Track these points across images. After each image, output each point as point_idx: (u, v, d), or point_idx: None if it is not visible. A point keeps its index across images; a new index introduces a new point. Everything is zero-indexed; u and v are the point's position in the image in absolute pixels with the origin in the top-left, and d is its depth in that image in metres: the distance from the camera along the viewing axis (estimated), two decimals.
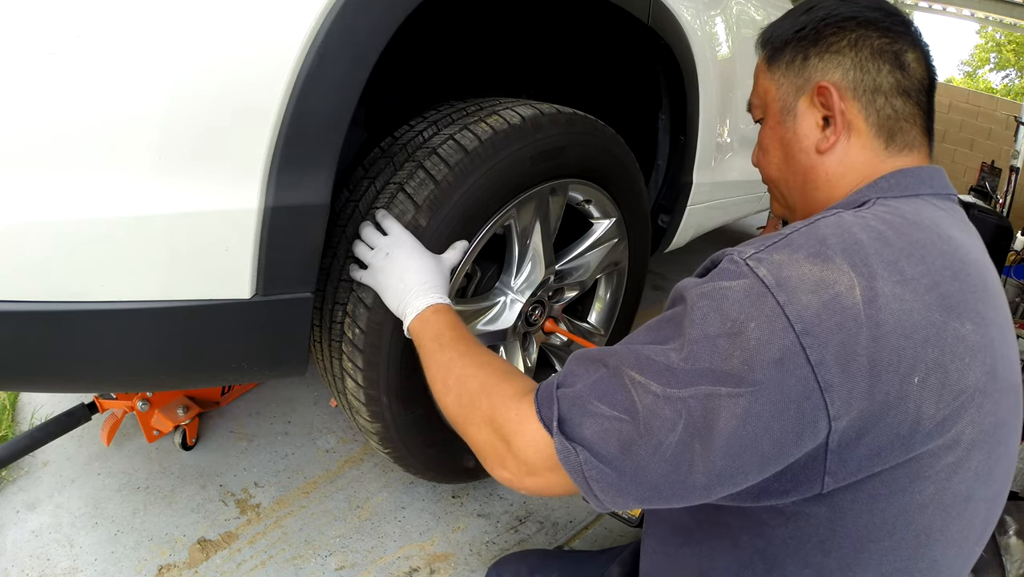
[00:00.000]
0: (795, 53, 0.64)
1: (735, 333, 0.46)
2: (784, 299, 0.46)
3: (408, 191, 0.84)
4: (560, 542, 1.22)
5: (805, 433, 0.45)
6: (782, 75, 0.65)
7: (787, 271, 0.47)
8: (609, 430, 0.50)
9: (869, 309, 0.45)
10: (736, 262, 0.50)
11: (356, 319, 0.86)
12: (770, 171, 0.69)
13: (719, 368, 0.46)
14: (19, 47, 0.54)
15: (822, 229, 0.50)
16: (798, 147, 0.64)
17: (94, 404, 1.21)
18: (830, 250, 0.48)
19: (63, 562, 1.05)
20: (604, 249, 1.25)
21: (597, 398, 0.51)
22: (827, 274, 0.46)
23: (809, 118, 0.63)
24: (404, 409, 0.98)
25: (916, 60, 0.61)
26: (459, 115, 0.94)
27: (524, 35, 1.29)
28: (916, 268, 0.48)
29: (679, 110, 1.40)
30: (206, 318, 0.69)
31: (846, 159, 0.61)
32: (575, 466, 0.51)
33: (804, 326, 0.45)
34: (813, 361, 0.44)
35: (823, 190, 0.63)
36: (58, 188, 0.57)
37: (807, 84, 0.63)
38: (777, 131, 0.67)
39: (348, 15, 0.66)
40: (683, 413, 0.47)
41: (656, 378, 0.49)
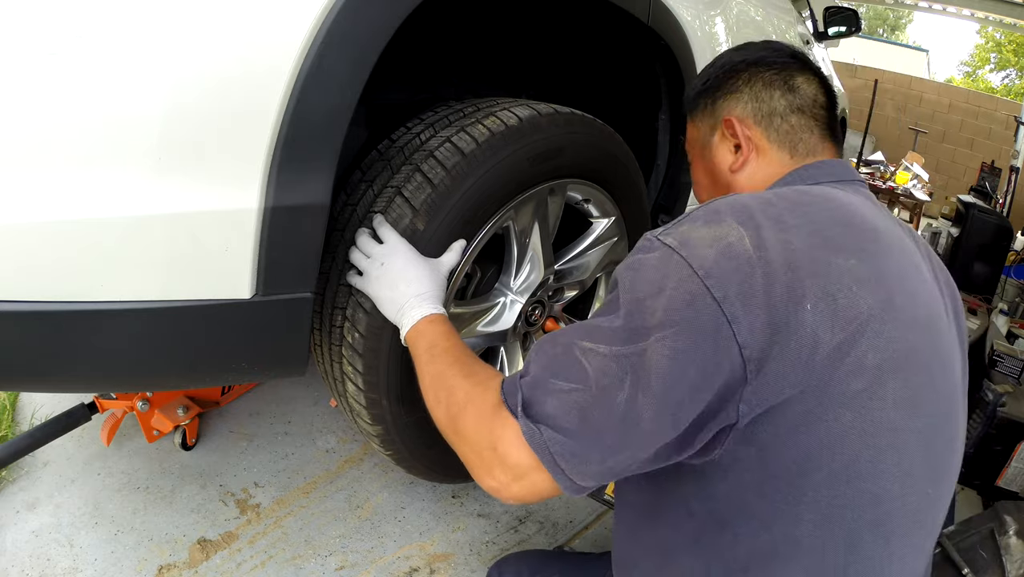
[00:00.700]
0: (706, 100, 0.78)
1: (657, 291, 0.53)
2: (687, 253, 0.53)
3: (405, 195, 0.84)
4: (560, 542, 1.22)
5: (722, 359, 0.50)
6: (700, 120, 0.79)
7: (688, 235, 0.55)
8: (568, 402, 0.54)
9: (758, 252, 0.52)
10: (649, 239, 0.58)
11: (356, 323, 0.86)
12: (702, 197, 0.83)
13: (649, 322, 0.53)
14: (19, 47, 0.54)
15: (716, 203, 0.59)
16: (718, 171, 0.77)
17: (94, 404, 1.21)
18: (721, 215, 0.56)
19: (63, 562, 1.05)
20: (604, 248, 1.25)
21: (553, 375, 0.56)
22: (719, 231, 0.55)
23: (723, 147, 0.76)
24: (405, 412, 0.98)
25: (806, 81, 0.73)
26: (456, 117, 0.94)
27: (524, 35, 1.29)
28: (798, 220, 0.56)
29: (679, 110, 1.40)
30: (206, 318, 0.69)
31: (758, 173, 0.73)
32: (541, 446, 0.54)
33: (706, 271, 0.52)
34: (718, 298, 0.51)
35: None
36: (58, 188, 0.57)
37: (717, 122, 0.76)
38: (701, 164, 0.81)
39: (348, 15, 0.66)
40: (628, 368, 0.52)
41: (604, 340, 0.54)
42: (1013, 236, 3.62)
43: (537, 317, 1.17)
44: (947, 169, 6.45)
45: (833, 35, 2.92)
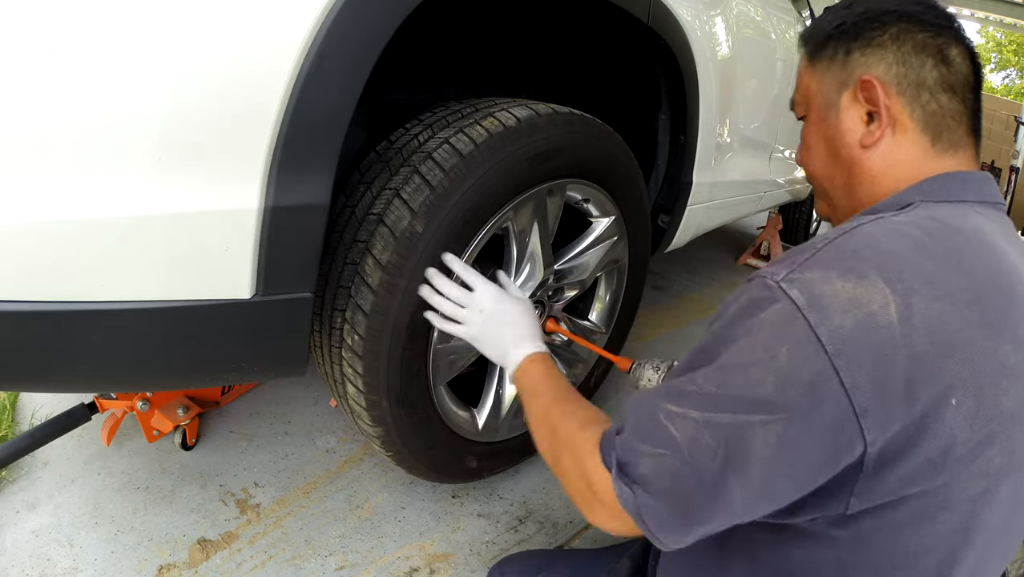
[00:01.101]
0: (836, 48, 0.63)
1: (768, 359, 0.46)
2: (816, 320, 0.45)
3: (404, 197, 0.84)
4: (560, 542, 1.22)
5: (841, 457, 0.44)
6: (824, 71, 0.64)
7: (819, 289, 0.46)
8: (658, 466, 0.51)
9: (904, 328, 0.44)
10: (768, 286, 0.49)
11: (355, 325, 0.86)
12: (814, 168, 0.68)
13: (752, 395, 0.46)
14: (19, 47, 0.54)
15: (856, 240, 0.49)
16: (842, 142, 0.63)
17: (94, 404, 1.21)
18: (864, 264, 0.46)
19: (63, 562, 1.06)
20: (603, 248, 1.25)
21: (640, 439, 0.53)
22: (860, 291, 0.45)
23: (853, 113, 0.62)
24: (405, 413, 0.98)
25: (960, 55, 0.59)
26: (454, 118, 0.94)
27: (524, 35, 1.29)
28: (956, 280, 0.46)
29: (679, 110, 1.40)
30: (206, 318, 0.69)
31: (891, 155, 0.60)
32: (632, 508, 0.52)
33: (836, 348, 0.44)
34: (847, 385, 0.43)
35: (867, 186, 0.62)
36: (58, 188, 0.57)
37: (850, 79, 0.61)
38: (820, 127, 0.65)
39: (348, 15, 0.66)
40: (722, 441, 0.47)
41: (694, 405, 0.49)
42: None
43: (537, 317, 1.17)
44: None
45: None
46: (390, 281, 0.84)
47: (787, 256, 0.51)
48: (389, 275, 0.83)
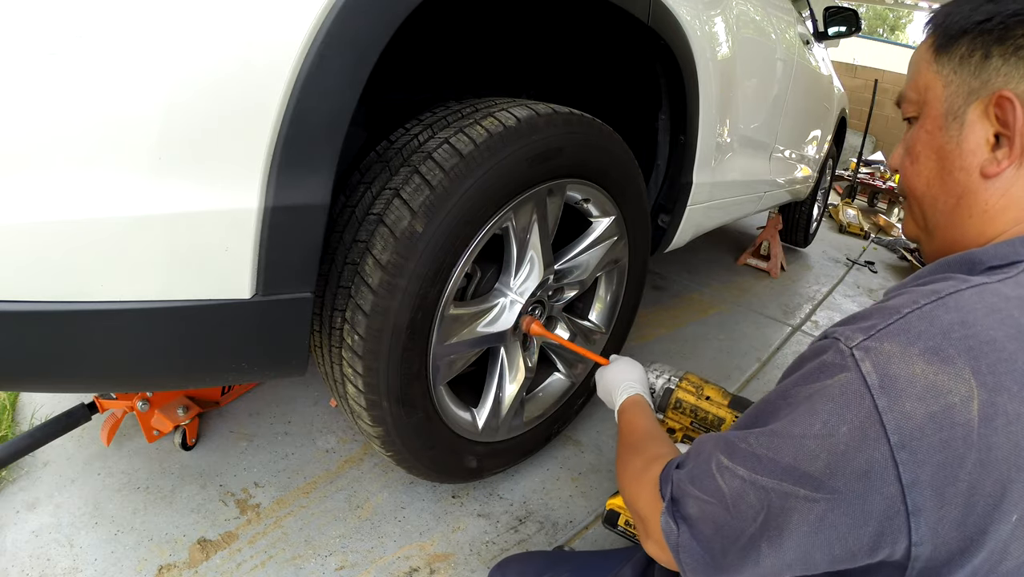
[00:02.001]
0: (974, 47, 0.52)
1: (825, 435, 0.43)
2: (885, 404, 0.41)
3: (404, 197, 0.84)
4: (560, 542, 1.22)
5: (880, 549, 0.42)
6: (953, 71, 0.54)
7: (895, 368, 0.41)
8: (705, 512, 0.51)
9: (984, 429, 0.39)
10: (841, 352, 0.44)
11: (355, 325, 0.86)
12: (917, 184, 0.59)
13: (801, 468, 0.44)
14: (19, 47, 0.54)
15: (949, 315, 0.43)
16: (959, 163, 0.54)
17: (94, 404, 1.21)
18: (952, 347, 0.41)
19: (63, 562, 1.05)
20: (603, 248, 1.25)
21: (691, 482, 0.53)
22: (942, 379, 0.40)
23: (979, 131, 0.52)
24: (405, 413, 0.98)
25: None
26: (454, 118, 0.94)
27: (524, 35, 1.29)
28: None
29: (679, 110, 1.40)
30: (206, 318, 0.69)
31: (1012, 191, 0.51)
32: (674, 543, 0.53)
33: (902, 439, 0.40)
34: (905, 481, 0.40)
35: (976, 221, 0.54)
36: (58, 188, 0.57)
37: (984, 88, 0.52)
38: (936, 138, 0.56)
39: (348, 15, 0.66)
40: (764, 505, 0.46)
41: (743, 463, 0.48)
42: None
43: (537, 317, 1.17)
44: None
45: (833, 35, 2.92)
46: (390, 281, 0.84)
47: (867, 316, 0.46)
48: (389, 275, 0.83)
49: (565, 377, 1.37)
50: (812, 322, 2.58)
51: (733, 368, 2.05)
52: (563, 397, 1.37)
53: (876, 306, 0.48)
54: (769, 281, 3.01)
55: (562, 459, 1.45)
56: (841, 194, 5.47)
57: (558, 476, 1.39)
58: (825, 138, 3.06)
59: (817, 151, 2.99)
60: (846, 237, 4.34)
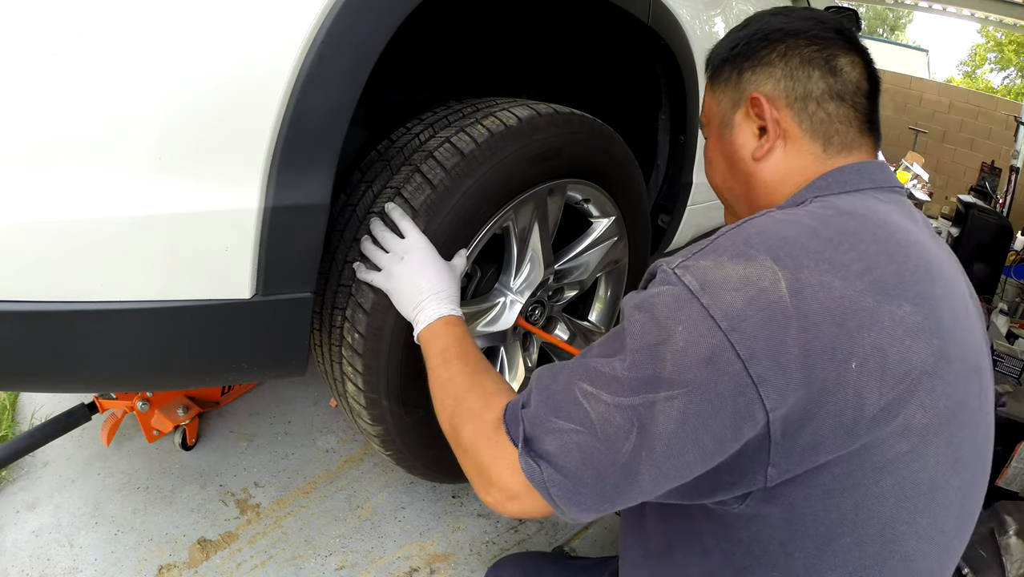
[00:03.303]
0: (731, 70, 0.67)
1: (666, 339, 0.48)
2: (708, 301, 0.47)
3: (405, 196, 0.84)
4: (560, 542, 1.22)
5: (743, 426, 0.46)
6: (721, 92, 0.69)
7: (711, 275, 0.48)
8: (569, 443, 0.51)
9: (796, 300, 0.46)
10: (665, 272, 0.51)
11: (355, 324, 0.86)
12: (716, 182, 0.73)
13: (656, 374, 0.47)
14: (19, 47, 0.54)
15: (747, 230, 0.51)
16: (737, 156, 0.67)
17: (94, 404, 1.21)
18: (753, 249, 0.49)
19: (63, 562, 1.05)
20: (604, 248, 1.25)
21: (554, 414, 0.53)
22: (750, 271, 0.47)
23: (746, 129, 0.66)
24: (405, 412, 0.98)
25: (850, 64, 0.62)
26: (455, 117, 0.94)
27: (524, 35, 1.29)
28: (845, 255, 0.49)
29: (679, 110, 1.40)
30: (206, 318, 0.69)
31: (783, 164, 0.63)
32: (540, 482, 0.52)
33: (730, 323, 0.46)
34: (743, 356, 0.45)
35: (764, 196, 0.65)
36: (58, 188, 0.57)
37: (742, 97, 0.65)
38: (718, 144, 0.70)
39: (348, 15, 0.66)
40: (634, 421, 0.48)
41: (606, 388, 0.50)
42: (1013, 236, 3.62)
43: (537, 317, 1.17)
44: (947, 169, 6.45)
45: None
46: None
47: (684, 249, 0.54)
48: None
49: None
50: None
51: None
52: None
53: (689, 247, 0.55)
54: None
55: None
56: None
57: None
58: None
59: None
60: None
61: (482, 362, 0.72)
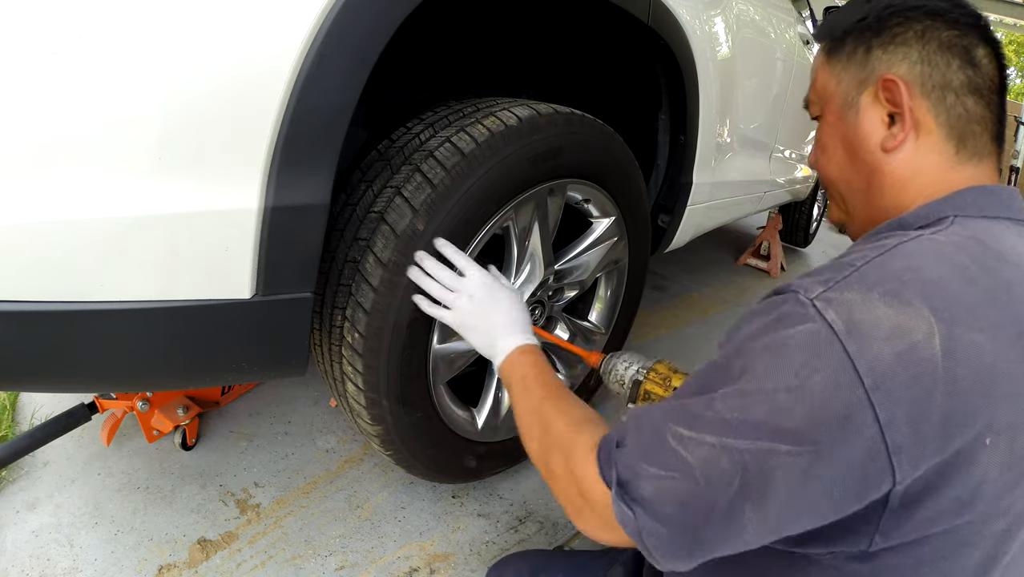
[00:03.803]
0: (857, 44, 0.59)
1: (798, 386, 0.43)
2: (855, 349, 0.41)
3: (405, 195, 0.84)
4: (560, 542, 1.22)
5: (867, 494, 0.43)
6: (843, 68, 0.60)
7: (859, 314, 0.43)
8: (665, 488, 0.48)
9: (947, 361, 0.41)
10: (802, 303, 0.45)
11: (355, 323, 0.86)
12: (830, 172, 0.64)
13: (778, 423, 0.43)
14: (19, 47, 0.54)
15: (897, 262, 0.46)
16: (861, 145, 0.59)
17: (94, 404, 1.21)
18: (908, 291, 0.43)
19: (63, 562, 1.05)
20: (604, 248, 1.25)
21: (646, 460, 0.50)
22: (904, 319, 0.42)
23: (873, 114, 0.58)
24: (405, 412, 0.98)
25: (987, 56, 0.55)
26: (456, 117, 0.94)
27: (524, 35, 1.29)
28: (1001, 313, 0.44)
29: (679, 110, 1.40)
30: (206, 318, 0.69)
31: (915, 161, 0.56)
32: (634, 530, 0.50)
33: (875, 380, 0.41)
34: (882, 420, 0.41)
35: (889, 194, 0.58)
36: (58, 188, 0.57)
37: (870, 77, 0.58)
38: (838, 128, 0.61)
39: (348, 15, 0.66)
40: (740, 468, 0.44)
41: (711, 430, 0.46)
42: None
43: (537, 317, 1.17)
44: None
45: None
46: (391, 279, 0.84)
47: (821, 272, 0.48)
48: (390, 273, 0.83)
49: (565, 377, 1.37)
50: None
51: None
52: None
53: (827, 265, 0.49)
54: (769, 281, 3.01)
55: None
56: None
57: None
58: None
59: None
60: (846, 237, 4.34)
61: (563, 388, 0.72)
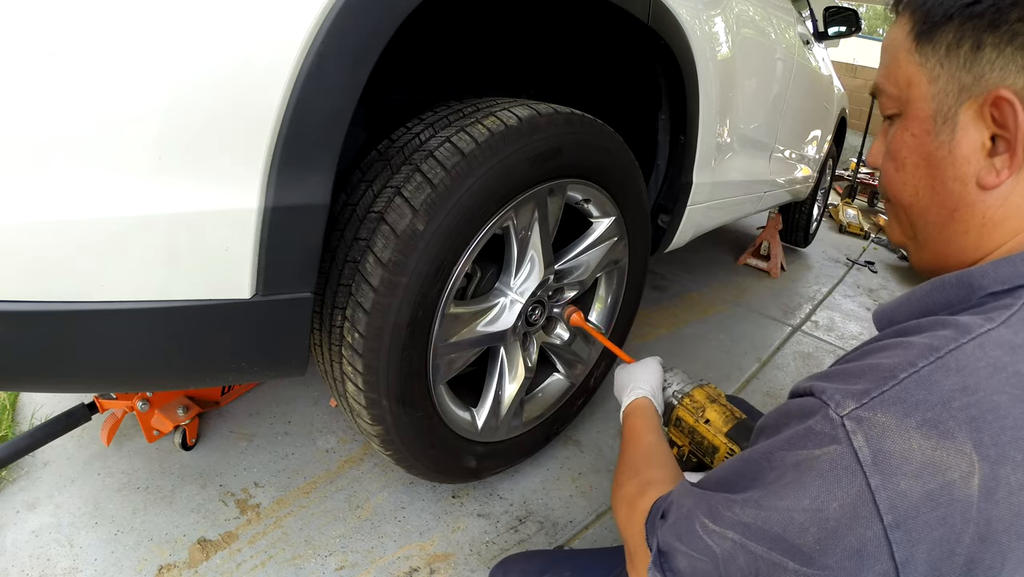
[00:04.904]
0: (962, 35, 0.45)
1: (815, 510, 0.40)
2: (878, 483, 0.38)
3: (405, 195, 0.84)
4: (560, 542, 1.22)
5: None
6: (939, 63, 0.47)
7: (890, 443, 0.38)
8: (695, 567, 0.49)
9: (984, 503, 0.37)
10: (831, 421, 0.41)
11: (355, 323, 0.86)
12: (902, 193, 0.52)
13: (790, 540, 0.41)
14: (19, 47, 0.54)
15: (950, 380, 0.39)
16: (951, 173, 0.47)
17: (94, 404, 1.21)
18: (953, 419, 0.38)
19: (63, 562, 1.05)
20: (604, 248, 1.25)
21: (679, 538, 0.51)
22: (941, 455, 0.37)
23: (974, 135, 0.46)
24: (405, 412, 0.98)
25: None
26: (456, 117, 0.94)
27: (524, 35, 1.29)
28: None
29: (679, 110, 1.40)
30: (206, 318, 0.69)
31: (1010, 200, 0.46)
32: None
33: (896, 518, 0.37)
34: (899, 559, 0.37)
35: (972, 236, 0.48)
36: (58, 188, 0.57)
37: (977, 85, 0.45)
38: (924, 143, 0.49)
39: (348, 15, 0.66)
40: (754, 570, 0.44)
41: (732, 528, 0.46)
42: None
43: (537, 317, 1.17)
44: None
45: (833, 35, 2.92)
46: (391, 279, 0.84)
47: (859, 375, 0.43)
48: (390, 273, 0.83)
49: (565, 378, 1.37)
50: (812, 322, 2.58)
51: (733, 368, 2.05)
52: (563, 397, 1.37)
53: (869, 363, 0.43)
54: (769, 281, 3.01)
55: (562, 459, 1.45)
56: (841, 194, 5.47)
57: (558, 476, 1.39)
58: (825, 138, 3.06)
59: (817, 151, 2.99)
60: (846, 237, 4.34)
61: (655, 444, 0.78)
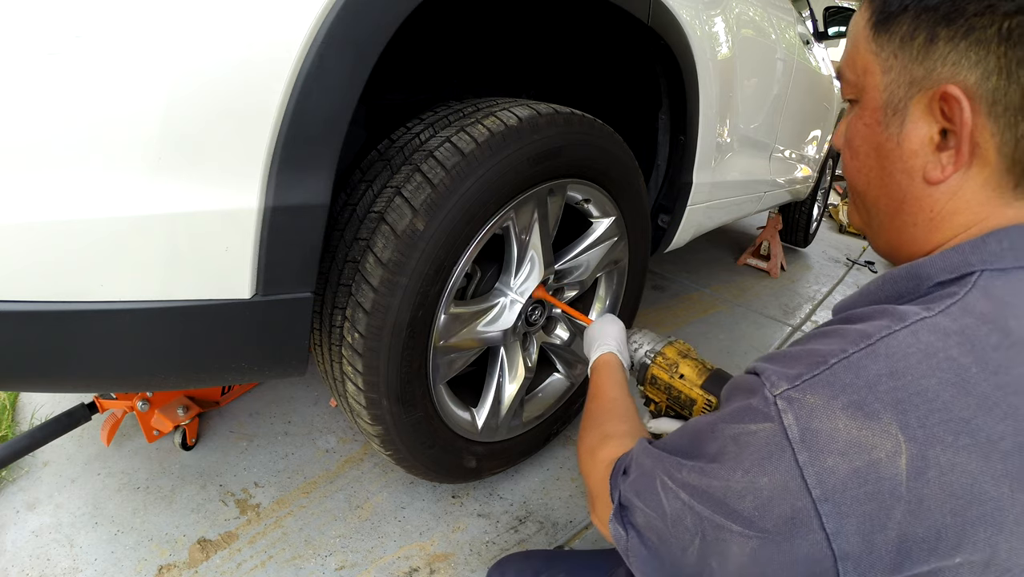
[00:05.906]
0: (917, 27, 0.45)
1: (749, 481, 0.43)
2: (805, 459, 0.40)
3: (405, 195, 0.84)
4: (560, 542, 1.22)
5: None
6: (893, 54, 0.47)
7: (817, 422, 0.40)
8: (650, 523, 0.52)
9: (914, 483, 0.37)
10: (766, 399, 0.43)
11: (355, 323, 0.86)
12: (856, 179, 0.54)
13: (732, 505, 0.43)
14: (19, 47, 0.54)
15: (878, 365, 0.40)
16: (899, 165, 0.48)
17: (94, 404, 1.21)
18: (878, 402, 0.39)
19: (63, 562, 1.05)
20: (604, 248, 1.25)
21: (637, 495, 0.54)
22: (865, 435, 0.38)
23: (923, 128, 0.46)
24: (405, 411, 0.98)
25: None
26: (456, 117, 0.94)
27: (524, 35, 1.29)
28: (996, 425, 0.38)
29: (679, 110, 1.40)
30: (206, 318, 0.69)
31: (961, 194, 0.46)
32: (624, 548, 0.55)
33: (824, 492, 0.39)
34: (828, 530, 0.39)
35: (921, 229, 0.49)
36: (58, 188, 0.57)
37: (928, 79, 0.45)
38: (875, 132, 0.49)
39: (348, 15, 0.66)
40: (699, 531, 0.46)
41: (683, 488, 0.48)
42: None
43: (537, 317, 1.17)
44: None
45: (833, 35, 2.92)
46: (391, 279, 0.84)
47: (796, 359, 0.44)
48: (390, 273, 0.83)
49: (564, 377, 1.37)
50: (812, 322, 2.58)
51: (733, 368, 2.05)
52: (563, 397, 1.37)
53: (808, 348, 0.45)
54: (769, 281, 3.01)
55: (562, 459, 1.45)
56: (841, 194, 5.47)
57: (558, 476, 1.39)
58: (825, 138, 3.06)
59: (817, 151, 2.99)
60: (846, 237, 4.34)
61: (613, 401, 0.79)
